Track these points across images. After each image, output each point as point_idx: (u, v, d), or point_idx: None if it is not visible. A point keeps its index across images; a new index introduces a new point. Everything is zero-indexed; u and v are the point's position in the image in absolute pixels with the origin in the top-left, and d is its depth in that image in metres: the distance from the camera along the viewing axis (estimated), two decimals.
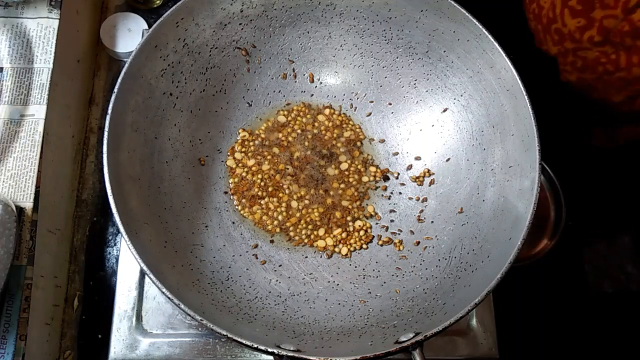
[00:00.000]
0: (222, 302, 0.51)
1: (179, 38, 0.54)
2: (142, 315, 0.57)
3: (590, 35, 0.63)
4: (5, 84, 0.56)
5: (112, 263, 0.63)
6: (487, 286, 0.45)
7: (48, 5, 0.58)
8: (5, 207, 0.49)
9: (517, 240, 0.47)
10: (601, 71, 0.65)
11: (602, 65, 0.64)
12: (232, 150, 0.60)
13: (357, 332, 0.51)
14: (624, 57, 0.62)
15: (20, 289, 0.52)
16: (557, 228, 0.69)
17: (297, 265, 0.57)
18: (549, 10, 0.67)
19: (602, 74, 0.65)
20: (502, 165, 0.54)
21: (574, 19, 0.63)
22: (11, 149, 0.54)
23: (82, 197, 0.65)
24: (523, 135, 0.51)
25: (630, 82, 0.64)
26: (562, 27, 0.65)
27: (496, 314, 0.58)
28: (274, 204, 0.58)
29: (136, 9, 0.69)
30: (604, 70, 0.64)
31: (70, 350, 0.60)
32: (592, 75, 0.66)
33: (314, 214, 0.58)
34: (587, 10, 0.62)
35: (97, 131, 0.67)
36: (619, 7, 0.59)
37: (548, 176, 0.70)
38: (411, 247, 0.57)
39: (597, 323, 0.70)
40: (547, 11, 0.67)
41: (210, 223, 0.57)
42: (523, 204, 0.49)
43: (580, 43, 0.64)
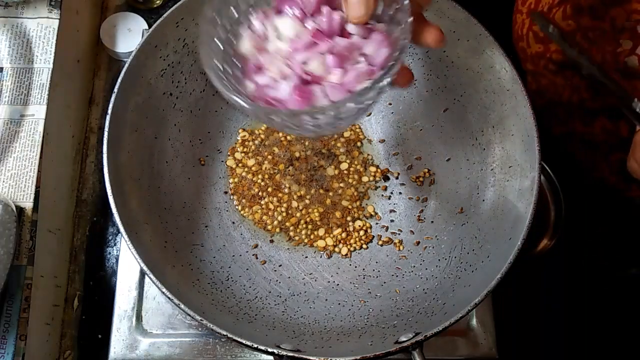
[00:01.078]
0: (222, 302, 0.51)
1: (179, 38, 0.54)
2: (142, 315, 0.57)
3: (545, 63, 0.63)
4: (5, 84, 0.56)
5: (112, 263, 0.63)
6: (487, 286, 0.45)
7: (48, 5, 0.58)
8: (5, 207, 0.49)
9: (517, 240, 0.47)
10: (548, 100, 0.65)
11: (550, 95, 0.64)
12: (232, 150, 0.60)
13: (357, 332, 0.51)
14: (567, 93, 0.63)
15: (20, 289, 0.52)
16: (557, 228, 0.69)
17: (297, 265, 0.57)
18: (519, 28, 0.67)
19: (548, 103, 0.65)
20: (502, 165, 0.54)
21: (536, 43, 0.64)
22: (11, 149, 0.54)
23: (82, 197, 0.65)
24: (523, 135, 0.51)
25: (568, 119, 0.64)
26: (527, 47, 0.66)
27: (496, 314, 0.58)
28: (274, 204, 0.58)
29: (136, 9, 0.69)
30: (550, 99, 0.65)
31: (70, 350, 0.60)
32: (541, 100, 0.66)
33: (314, 214, 0.58)
34: (546, 40, 0.62)
35: (97, 131, 0.67)
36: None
37: (548, 176, 0.70)
38: (411, 247, 0.57)
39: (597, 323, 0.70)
40: (518, 28, 0.67)
41: (210, 223, 0.57)
42: (523, 204, 0.49)
43: (538, 68, 0.65)
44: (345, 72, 0.39)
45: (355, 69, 0.39)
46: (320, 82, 0.39)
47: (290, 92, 0.38)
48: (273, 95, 0.39)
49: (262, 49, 0.40)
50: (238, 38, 0.41)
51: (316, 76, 0.39)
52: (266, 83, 0.40)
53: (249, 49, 0.40)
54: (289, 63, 0.39)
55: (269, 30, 0.40)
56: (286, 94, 0.39)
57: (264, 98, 0.39)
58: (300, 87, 0.39)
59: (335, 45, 0.39)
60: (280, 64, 0.39)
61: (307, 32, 0.39)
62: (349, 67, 0.39)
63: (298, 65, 0.39)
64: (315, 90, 0.39)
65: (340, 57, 0.39)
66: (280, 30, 0.40)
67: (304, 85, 0.39)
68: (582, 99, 0.62)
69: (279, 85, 0.39)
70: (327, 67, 0.39)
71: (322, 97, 0.39)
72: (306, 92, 0.39)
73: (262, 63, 0.40)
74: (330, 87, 0.39)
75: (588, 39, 0.59)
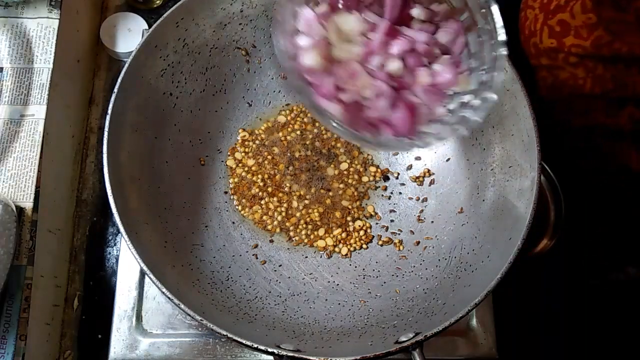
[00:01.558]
0: (222, 302, 0.51)
1: (179, 38, 0.54)
2: (142, 315, 0.57)
3: (564, 56, 0.63)
4: (5, 84, 0.56)
5: (112, 263, 0.63)
6: (487, 286, 0.45)
7: (48, 5, 0.58)
8: (5, 207, 0.49)
9: (517, 240, 0.47)
10: (567, 93, 0.65)
11: (569, 88, 0.64)
12: (233, 150, 0.60)
13: (357, 332, 0.51)
14: (589, 85, 0.62)
15: (20, 289, 0.52)
16: (557, 228, 0.69)
17: (297, 265, 0.57)
18: (532, 23, 0.67)
19: (567, 96, 0.65)
20: (502, 165, 0.54)
21: (549, 38, 0.64)
22: (11, 149, 0.54)
23: (82, 197, 0.65)
24: (523, 135, 0.51)
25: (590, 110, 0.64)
26: (540, 43, 0.65)
27: (496, 314, 0.58)
28: (274, 204, 0.58)
29: (136, 9, 0.69)
30: (569, 93, 0.65)
31: (70, 350, 0.60)
32: (559, 95, 0.66)
33: (314, 214, 0.58)
34: (563, 34, 0.62)
35: (97, 131, 0.67)
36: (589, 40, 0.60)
37: (548, 176, 0.70)
38: (411, 247, 0.57)
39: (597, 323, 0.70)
40: (530, 23, 0.67)
41: (210, 223, 0.57)
42: (523, 204, 0.49)
43: (556, 61, 0.64)
44: (430, 69, 0.35)
45: (443, 64, 0.36)
46: (409, 86, 0.35)
47: (389, 108, 0.34)
48: (373, 115, 0.35)
49: (330, 58, 0.35)
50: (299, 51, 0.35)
51: (403, 81, 0.35)
52: (353, 100, 0.35)
53: (317, 61, 0.35)
54: (371, 72, 0.35)
55: (331, 33, 0.35)
56: (386, 111, 0.34)
57: (363, 120, 0.35)
58: (400, 100, 0.35)
59: (416, 40, 0.35)
60: (365, 78, 0.34)
61: (376, 27, 0.35)
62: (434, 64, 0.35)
63: (384, 74, 0.35)
64: (411, 99, 0.35)
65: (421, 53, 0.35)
66: (345, 30, 0.35)
67: (399, 95, 0.35)
68: (606, 90, 0.62)
69: (374, 104, 0.35)
70: (409, 66, 0.35)
71: (421, 106, 0.35)
72: (411, 107, 0.34)
73: (340, 76, 0.35)
74: (423, 91, 0.35)
75: (611, 32, 0.58)
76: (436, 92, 0.36)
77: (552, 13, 0.63)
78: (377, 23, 0.35)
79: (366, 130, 0.36)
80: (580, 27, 0.60)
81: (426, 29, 0.36)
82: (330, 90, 0.35)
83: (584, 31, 0.60)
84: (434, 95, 0.36)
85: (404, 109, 0.35)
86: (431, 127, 0.36)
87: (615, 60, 0.60)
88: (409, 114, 0.35)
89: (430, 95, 0.36)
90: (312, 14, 0.35)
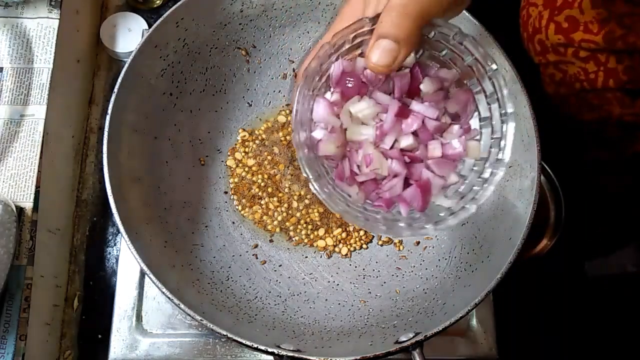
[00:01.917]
0: (222, 302, 0.51)
1: (179, 38, 0.54)
2: (142, 315, 0.57)
3: (574, 51, 0.63)
4: (5, 84, 0.56)
5: (112, 263, 0.63)
6: (487, 286, 0.45)
7: (48, 5, 0.58)
8: (5, 207, 0.49)
9: (517, 240, 0.47)
10: (578, 88, 0.65)
11: (580, 83, 0.64)
12: (233, 150, 0.60)
13: (357, 332, 0.51)
14: (601, 78, 0.62)
15: (20, 289, 0.52)
16: (557, 228, 0.69)
17: (297, 265, 0.57)
18: (535, 20, 0.67)
19: (578, 91, 0.65)
20: None
21: (556, 34, 0.64)
22: (11, 149, 0.54)
23: (82, 197, 0.65)
24: (523, 135, 0.51)
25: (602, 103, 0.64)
26: (546, 39, 0.65)
27: (496, 314, 0.58)
28: (274, 204, 0.58)
29: (136, 9, 0.69)
30: (580, 88, 0.65)
31: (70, 350, 0.60)
32: (568, 90, 0.66)
33: (314, 214, 0.58)
34: (571, 30, 0.62)
35: (97, 131, 0.67)
36: (601, 35, 0.60)
37: (548, 176, 0.70)
38: (411, 247, 0.57)
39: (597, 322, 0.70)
40: (534, 20, 0.67)
41: (210, 223, 0.57)
42: (523, 204, 0.49)
43: (564, 56, 0.64)
44: (440, 141, 0.37)
45: (451, 134, 0.37)
46: (420, 160, 0.37)
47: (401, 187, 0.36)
48: (389, 196, 0.37)
49: (345, 143, 0.37)
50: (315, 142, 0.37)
51: (415, 156, 0.37)
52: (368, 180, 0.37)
53: (333, 150, 0.37)
54: (385, 151, 0.37)
55: (344, 119, 0.37)
56: (400, 189, 0.37)
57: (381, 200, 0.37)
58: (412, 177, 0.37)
59: (425, 116, 0.37)
60: (380, 158, 0.36)
61: (389, 108, 0.37)
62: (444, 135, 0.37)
63: (396, 152, 0.37)
64: (425, 173, 0.37)
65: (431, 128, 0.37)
66: (358, 115, 0.37)
67: (412, 171, 0.37)
68: (620, 81, 0.62)
69: (390, 183, 0.37)
70: (421, 140, 0.37)
71: (434, 178, 0.37)
72: (424, 185, 0.36)
73: (356, 161, 0.37)
74: (435, 163, 0.37)
75: (624, 25, 0.59)
76: (447, 162, 0.38)
77: (559, 9, 0.63)
78: (387, 104, 0.37)
79: (382, 207, 0.38)
80: (590, 22, 0.60)
81: (435, 98, 0.38)
82: (348, 174, 0.37)
83: (594, 26, 0.60)
84: (446, 165, 0.38)
85: (416, 186, 0.37)
86: (443, 200, 0.38)
87: (630, 52, 0.60)
88: (420, 190, 0.37)
89: (442, 165, 0.37)
90: (326, 105, 0.37)
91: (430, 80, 0.38)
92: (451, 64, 0.38)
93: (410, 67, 0.38)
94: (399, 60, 0.34)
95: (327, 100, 0.37)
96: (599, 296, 0.72)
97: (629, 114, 0.64)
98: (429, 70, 0.39)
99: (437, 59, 0.39)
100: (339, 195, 0.37)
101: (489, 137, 0.38)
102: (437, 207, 0.38)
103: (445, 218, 0.37)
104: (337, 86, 0.37)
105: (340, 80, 0.37)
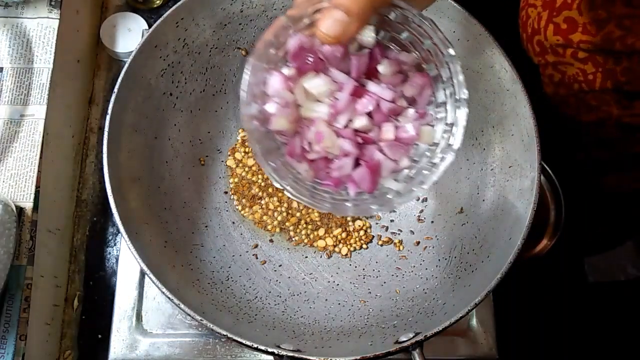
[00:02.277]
0: (222, 302, 0.51)
1: (179, 38, 0.54)
2: (142, 315, 0.57)
3: (573, 52, 0.63)
4: (5, 84, 0.56)
5: (112, 263, 0.63)
6: (487, 286, 0.45)
7: (48, 5, 0.58)
8: (5, 207, 0.49)
9: (517, 240, 0.47)
10: (576, 89, 0.65)
11: (579, 84, 0.64)
12: (233, 150, 0.60)
13: (357, 332, 0.51)
14: (599, 79, 0.63)
15: (20, 289, 0.52)
16: (557, 228, 0.69)
17: (297, 265, 0.57)
18: (535, 21, 0.67)
19: (576, 92, 0.65)
20: (502, 165, 0.54)
21: (555, 35, 0.64)
22: (11, 149, 0.54)
23: (82, 197, 0.65)
24: (523, 135, 0.51)
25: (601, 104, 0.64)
26: (544, 40, 0.65)
27: (496, 314, 0.58)
28: (274, 204, 0.58)
29: (136, 9, 0.69)
30: (579, 89, 0.65)
31: (70, 350, 0.60)
32: (567, 91, 0.66)
33: (314, 214, 0.58)
34: (569, 31, 0.62)
35: (97, 131, 0.67)
36: (599, 36, 0.60)
37: (548, 176, 0.70)
38: (411, 247, 0.57)
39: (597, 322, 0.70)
40: (533, 21, 0.67)
41: (210, 223, 0.57)
42: (523, 204, 0.49)
43: (563, 57, 0.64)
44: (395, 124, 0.37)
45: (406, 118, 0.37)
46: (373, 141, 0.37)
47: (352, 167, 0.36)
48: (338, 175, 0.37)
49: (298, 119, 0.37)
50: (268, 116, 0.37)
51: (368, 137, 0.37)
52: (319, 158, 0.37)
53: (286, 125, 0.37)
54: (338, 130, 0.36)
55: (299, 95, 0.37)
56: (349, 169, 0.36)
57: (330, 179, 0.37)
58: (363, 157, 0.37)
59: (380, 98, 0.36)
60: (332, 136, 0.36)
61: (344, 86, 0.36)
62: (399, 118, 0.37)
63: (350, 131, 0.36)
64: (376, 155, 0.37)
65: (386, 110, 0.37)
66: (313, 92, 0.36)
67: (363, 152, 0.37)
68: (618, 83, 0.62)
69: (339, 163, 0.37)
70: (375, 122, 0.37)
71: (385, 160, 0.37)
72: (374, 165, 0.36)
73: (307, 137, 0.37)
74: (387, 146, 0.37)
75: (623, 27, 0.59)
76: (400, 146, 0.37)
77: (558, 10, 0.63)
78: (343, 83, 0.37)
79: (330, 187, 0.38)
80: (589, 23, 0.60)
81: (393, 80, 0.38)
82: (298, 151, 0.37)
83: (593, 27, 0.60)
84: (399, 148, 0.37)
85: (365, 167, 0.37)
86: (392, 183, 0.38)
87: (628, 54, 0.60)
88: (369, 171, 0.37)
89: (395, 148, 0.37)
90: (281, 79, 0.36)
91: (388, 62, 0.37)
92: (411, 47, 0.38)
93: (370, 48, 0.37)
94: (348, 34, 0.34)
95: (282, 75, 0.36)
96: (598, 296, 0.72)
97: (628, 115, 0.64)
98: (389, 53, 0.39)
99: (398, 41, 0.38)
100: (287, 171, 0.37)
101: (444, 123, 0.38)
102: (386, 190, 0.38)
103: (391, 199, 0.37)
104: (294, 61, 0.37)
105: (297, 55, 0.36)
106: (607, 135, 0.66)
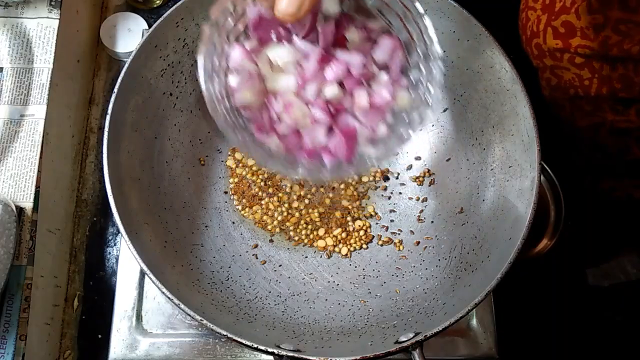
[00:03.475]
0: (222, 302, 0.51)
1: (179, 38, 0.54)
2: (142, 315, 0.57)
3: (570, 57, 0.63)
4: (5, 84, 0.56)
5: (112, 263, 0.63)
6: (487, 286, 0.45)
7: (48, 5, 0.58)
8: (5, 207, 0.49)
9: (517, 240, 0.47)
10: (572, 94, 0.65)
11: (575, 89, 0.64)
12: (233, 150, 0.60)
13: (357, 332, 0.51)
14: (595, 85, 0.63)
15: (20, 289, 0.52)
16: (557, 228, 0.69)
17: (297, 265, 0.57)
18: (534, 24, 0.67)
19: (572, 97, 0.65)
20: (502, 165, 0.54)
21: (554, 39, 0.64)
22: (11, 149, 0.54)
23: (82, 197, 0.65)
24: (523, 135, 0.51)
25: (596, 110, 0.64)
26: (543, 43, 0.65)
27: (496, 314, 0.58)
28: (274, 204, 0.58)
29: (136, 9, 0.69)
30: (575, 94, 0.65)
31: (70, 350, 0.60)
32: (563, 95, 0.66)
33: (314, 214, 0.58)
34: (568, 35, 0.62)
35: (97, 131, 0.67)
36: (597, 41, 0.60)
37: (548, 176, 0.70)
38: (411, 247, 0.57)
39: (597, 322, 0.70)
40: (532, 24, 0.67)
41: (210, 223, 0.57)
42: (523, 204, 0.49)
43: (560, 62, 0.64)
44: (368, 89, 0.35)
45: (379, 83, 0.36)
46: (348, 109, 0.36)
47: (325, 136, 0.35)
48: (312, 146, 0.35)
49: (264, 92, 0.35)
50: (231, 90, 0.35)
51: (340, 106, 0.35)
52: (289, 132, 0.35)
53: (250, 98, 0.35)
54: (307, 100, 0.35)
55: (263, 66, 0.35)
56: (323, 139, 0.35)
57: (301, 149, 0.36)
58: (336, 126, 0.35)
59: (351, 63, 0.35)
60: (300, 108, 0.34)
61: (310, 55, 0.35)
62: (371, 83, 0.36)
63: (321, 101, 0.35)
64: (350, 121, 0.35)
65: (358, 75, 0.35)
66: (278, 62, 0.34)
67: (337, 121, 0.35)
68: (614, 89, 0.62)
69: (311, 132, 0.35)
70: (347, 89, 0.35)
71: (361, 128, 0.35)
72: (349, 132, 0.35)
73: (276, 110, 0.35)
74: (362, 113, 0.35)
75: (619, 32, 0.59)
76: (376, 112, 0.36)
77: (556, 14, 0.63)
78: (309, 51, 0.35)
79: (305, 159, 0.36)
80: (587, 27, 0.60)
81: (362, 48, 0.36)
82: (267, 123, 0.35)
83: (590, 32, 0.60)
84: (374, 115, 0.36)
85: (340, 135, 0.35)
86: (370, 149, 0.36)
87: (624, 60, 0.60)
88: (344, 139, 0.35)
89: (370, 115, 0.36)
90: (242, 51, 0.35)
91: (356, 29, 0.36)
92: (378, 13, 0.37)
93: (335, 18, 0.36)
94: (304, 8, 0.32)
95: (243, 46, 0.35)
96: (598, 296, 0.72)
97: (622, 121, 0.64)
98: (355, 22, 0.37)
99: (364, 10, 0.37)
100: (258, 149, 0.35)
101: (420, 84, 0.36)
102: (365, 156, 0.37)
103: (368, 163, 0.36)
104: (255, 32, 0.35)
105: (258, 26, 0.35)
106: (602, 141, 0.67)
